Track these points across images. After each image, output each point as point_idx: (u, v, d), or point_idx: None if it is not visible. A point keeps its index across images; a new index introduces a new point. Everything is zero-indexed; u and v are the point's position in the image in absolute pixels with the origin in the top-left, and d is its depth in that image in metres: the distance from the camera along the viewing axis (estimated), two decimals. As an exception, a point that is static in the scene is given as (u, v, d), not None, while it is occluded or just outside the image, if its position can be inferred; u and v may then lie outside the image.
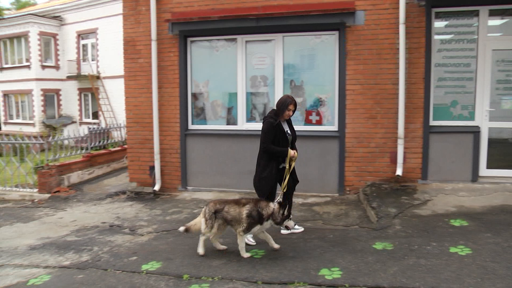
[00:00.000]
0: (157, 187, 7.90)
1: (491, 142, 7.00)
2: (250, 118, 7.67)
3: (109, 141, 12.78)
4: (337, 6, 6.83)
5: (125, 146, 10.49)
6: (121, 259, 4.80)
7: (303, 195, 7.12)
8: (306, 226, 5.58)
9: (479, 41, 6.88)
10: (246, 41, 7.52)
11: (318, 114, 7.35)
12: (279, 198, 4.77)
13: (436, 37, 6.96)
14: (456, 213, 5.59)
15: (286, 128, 5.11)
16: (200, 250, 4.74)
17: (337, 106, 7.15)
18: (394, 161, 6.89)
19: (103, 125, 21.16)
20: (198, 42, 7.83)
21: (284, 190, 4.90)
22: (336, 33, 7.09)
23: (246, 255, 4.60)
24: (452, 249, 4.39)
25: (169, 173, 7.98)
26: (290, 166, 4.96)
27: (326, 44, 7.23)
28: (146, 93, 7.91)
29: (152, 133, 7.85)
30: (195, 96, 7.93)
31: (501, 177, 6.95)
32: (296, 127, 7.15)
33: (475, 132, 6.87)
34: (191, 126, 7.91)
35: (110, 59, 22.17)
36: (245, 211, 4.47)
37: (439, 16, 6.96)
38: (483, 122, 6.95)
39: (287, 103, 4.93)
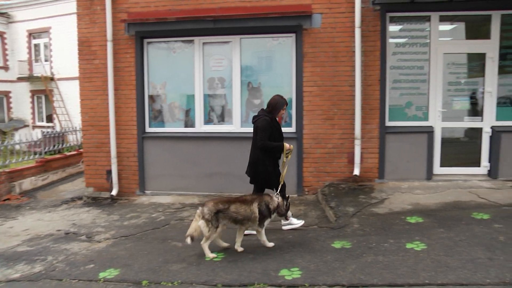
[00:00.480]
0: (114, 192, 7.86)
1: (444, 141, 7.45)
2: (208, 121, 7.78)
3: (64, 145, 12.48)
4: (294, 9, 7.06)
5: (81, 150, 10.31)
6: (78, 268, 4.75)
7: (262, 196, 7.30)
8: (265, 228, 5.71)
9: (431, 45, 7.32)
10: (204, 43, 7.63)
11: (276, 116, 7.54)
12: (277, 191, 5.05)
13: (391, 40, 7.34)
14: (412, 211, 5.89)
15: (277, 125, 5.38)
16: (211, 254, 4.72)
17: (294, 107, 7.37)
18: (351, 161, 7.19)
19: (58, 128, 20.60)
20: (155, 43, 7.87)
21: (282, 183, 5.17)
22: (293, 35, 7.32)
23: (270, 244, 4.87)
24: (408, 245, 4.62)
25: (127, 177, 7.96)
26: (287, 158, 5.25)
27: (283, 46, 7.45)
28: (102, 95, 7.86)
29: (109, 136, 7.80)
30: (152, 98, 7.95)
31: (454, 175, 7.41)
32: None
33: (429, 132, 7.28)
34: (148, 129, 7.92)
35: (64, 59, 21.63)
36: (256, 208, 4.70)
37: (393, 20, 7.34)
38: (436, 122, 7.37)
39: (282, 103, 5.33)
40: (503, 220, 5.25)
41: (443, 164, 7.46)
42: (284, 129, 7.30)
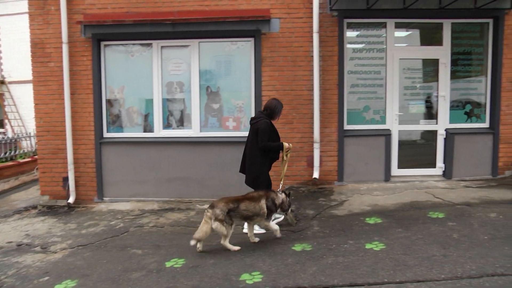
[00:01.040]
0: (71, 200, 7.79)
1: (401, 144, 7.87)
2: (167, 125, 7.86)
3: (17, 152, 12.23)
4: (253, 13, 7.29)
5: (36, 156, 10.15)
6: (31, 281, 4.66)
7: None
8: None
9: (387, 51, 7.72)
10: (162, 46, 7.73)
11: (235, 120, 7.74)
12: (280, 188, 5.52)
13: (348, 46, 7.68)
14: (371, 212, 6.17)
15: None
16: (235, 247, 5.05)
17: (253, 112, 7.57)
18: (311, 165, 7.46)
19: (10, 134, 19.97)
20: (113, 46, 7.89)
21: (282, 181, 5.70)
22: (252, 40, 7.53)
23: (279, 234, 5.32)
24: (368, 246, 4.82)
25: (84, 184, 7.92)
26: (287, 156, 5.70)
27: (242, 51, 7.66)
28: (57, 100, 7.79)
29: (65, 142, 7.75)
30: (110, 102, 7.97)
31: (411, 176, 7.84)
32: (213, 133, 7.62)
33: (387, 135, 7.66)
34: (106, 134, 7.93)
35: (16, 62, 20.96)
36: (264, 204, 5.10)
37: (351, 26, 7.70)
38: (394, 125, 7.76)
39: (280, 107, 5.74)
40: (456, 218, 5.59)
41: (400, 166, 7.87)
42: (242, 133, 7.59)
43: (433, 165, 7.98)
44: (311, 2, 7.26)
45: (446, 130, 7.86)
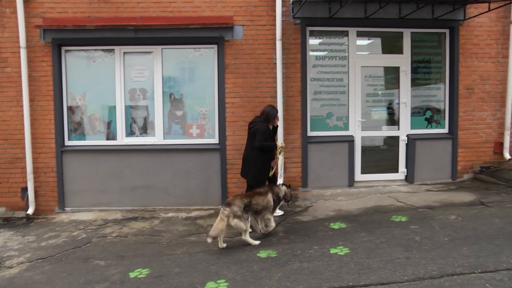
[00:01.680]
0: (30, 211, 7.47)
1: (364, 149, 7.96)
2: (130, 133, 7.67)
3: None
4: (216, 20, 7.22)
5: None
6: None
7: (186, 209, 7.36)
8: (190, 241, 5.76)
9: (349, 58, 7.80)
10: (125, 52, 7.55)
11: (198, 127, 7.63)
12: (280, 182, 6.07)
13: (311, 53, 7.72)
14: (335, 217, 6.19)
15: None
16: (255, 241, 5.31)
17: (217, 119, 7.50)
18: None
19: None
20: (74, 51, 7.64)
21: (281, 176, 6.36)
22: (215, 46, 7.46)
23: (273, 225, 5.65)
24: (332, 250, 4.82)
25: (45, 194, 7.63)
26: (280, 154, 6.33)
27: (205, 58, 7.56)
28: (16, 107, 7.48)
29: (24, 151, 7.45)
30: (71, 109, 7.71)
31: (374, 181, 7.95)
32: (176, 141, 7.53)
33: (350, 141, 7.72)
34: (68, 142, 7.67)
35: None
36: (271, 198, 5.46)
37: (313, 34, 7.74)
38: (356, 131, 7.83)
39: (275, 112, 6.18)
40: (418, 222, 5.69)
41: (364, 171, 7.94)
42: (206, 141, 7.56)
43: (395, 170, 8.10)
44: (274, 10, 7.27)
45: (407, 136, 7.99)
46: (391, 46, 8.12)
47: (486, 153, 8.29)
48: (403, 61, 7.94)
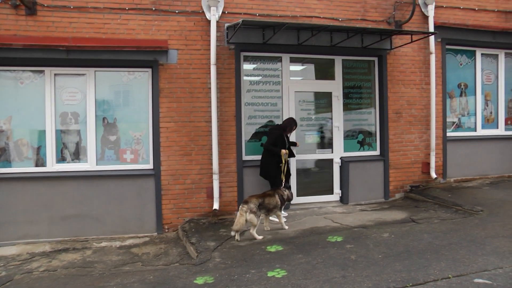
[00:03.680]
0: None
1: (299, 172, 7.99)
2: (60, 159, 7.21)
3: None
4: (150, 43, 7.03)
5: None
6: None
7: (120, 237, 7.00)
8: (124, 270, 5.47)
9: (283, 84, 7.87)
10: (56, 74, 7.13)
11: (132, 152, 7.34)
12: (284, 184, 6.81)
13: (245, 78, 7.71)
14: (272, 240, 6.09)
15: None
16: (260, 236, 6.17)
17: (151, 144, 7.25)
18: (210, 196, 7.26)
19: None
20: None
21: (283, 178, 6.89)
22: (150, 70, 7.25)
23: (286, 226, 6.68)
24: (270, 273, 4.74)
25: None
26: (284, 161, 6.85)
27: (139, 81, 7.33)
28: None
29: None
30: (-5, 134, 7.17)
31: (310, 203, 8.00)
32: (110, 167, 7.21)
33: (285, 164, 7.68)
34: (-11, 170, 7.06)
35: None
36: (278, 198, 6.41)
37: (247, 59, 7.74)
38: (292, 155, 7.80)
39: (294, 123, 7.14)
40: (353, 241, 5.75)
41: (299, 193, 7.95)
42: (141, 166, 7.30)
43: (330, 191, 8.18)
44: (208, 34, 7.19)
45: (341, 158, 8.11)
46: (324, 72, 8.28)
47: (415, 173, 8.58)
48: (335, 87, 8.11)
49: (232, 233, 6.11)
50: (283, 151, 6.76)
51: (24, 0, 6.67)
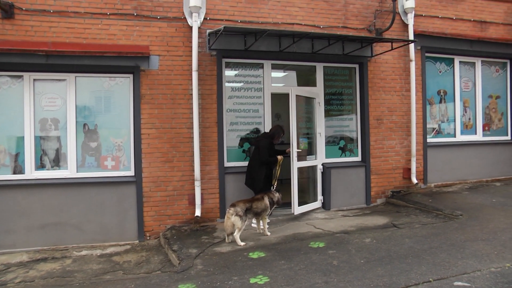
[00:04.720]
0: None
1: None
2: (40, 166, 7.02)
3: None
4: (131, 49, 6.94)
5: None
6: None
7: (101, 245, 6.84)
8: (105, 279, 5.35)
9: (265, 90, 7.84)
10: (35, 79, 6.97)
11: (114, 159, 7.21)
12: (273, 188, 6.87)
13: (227, 84, 7.67)
14: (254, 246, 6.05)
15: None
16: (242, 243, 6.14)
17: (133, 150, 7.14)
18: (192, 203, 7.17)
19: None
20: (-25, 77, 6.97)
21: (275, 183, 7.05)
22: (131, 76, 7.16)
23: (268, 233, 6.65)
24: (252, 280, 4.70)
25: None
26: (279, 165, 7.17)
27: (121, 87, 7.21)
28: None
29: None
30: (-30, 141, 6.94)
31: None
32: (90, 174, 7.12)
33: (270, 170, 7.62)
34: (-36, 178, 6.83)
35: None
36: (267, 202, 6.45)
37: (229, 66, 7.71)
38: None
39: (281, 132, 7.24)
40: (335, 246, 5.76)
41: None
42: (122, 173, 7.16)
43: (314, 198, 8.12)
44: (190, 41, 7.15)
45: (323, 164, 8.09)
46: (306, 78, 8.30)
47: (397, 179, 8.63)
48: (317, 93, 8.10)
49: (225, 236, 6.35)
50: (279, 157, 7.06)
51: (1, 3, 6.52)
